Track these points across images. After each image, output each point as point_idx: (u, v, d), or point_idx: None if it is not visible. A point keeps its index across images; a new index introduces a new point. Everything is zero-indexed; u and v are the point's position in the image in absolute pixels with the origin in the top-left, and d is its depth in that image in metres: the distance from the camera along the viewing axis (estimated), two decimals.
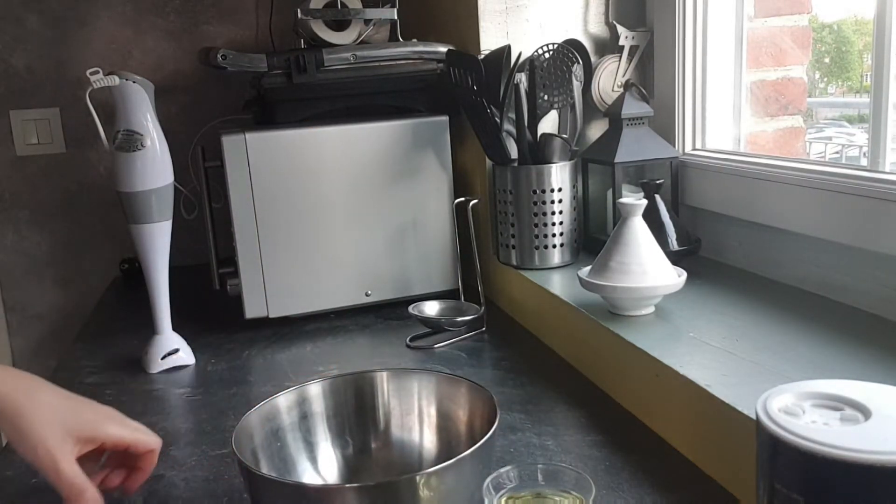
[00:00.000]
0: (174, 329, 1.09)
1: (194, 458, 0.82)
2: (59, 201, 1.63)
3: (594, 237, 1.19)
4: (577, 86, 1.12)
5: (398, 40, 1.27)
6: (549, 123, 1.20)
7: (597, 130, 1.24)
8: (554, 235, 1.13)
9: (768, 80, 1.13)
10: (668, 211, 1.06)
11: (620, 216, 0.92)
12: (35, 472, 0.79)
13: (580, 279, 0.94)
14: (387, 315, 1.24)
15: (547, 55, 1.16)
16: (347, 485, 0.70)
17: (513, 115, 1.12)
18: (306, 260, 1.19)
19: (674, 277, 0.90)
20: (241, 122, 1.40)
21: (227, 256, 1.21)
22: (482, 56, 1.13)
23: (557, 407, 0.88)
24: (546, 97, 1.15)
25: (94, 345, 1.20)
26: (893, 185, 0.80)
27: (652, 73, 1.21)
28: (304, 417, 0.73)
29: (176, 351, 1.08)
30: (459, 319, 1.12)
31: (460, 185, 1.31)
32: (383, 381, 0.76)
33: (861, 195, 0.83)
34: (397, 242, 1.23)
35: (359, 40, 1.24)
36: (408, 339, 1.12)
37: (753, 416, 0.65)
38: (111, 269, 1.66)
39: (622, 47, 1.20)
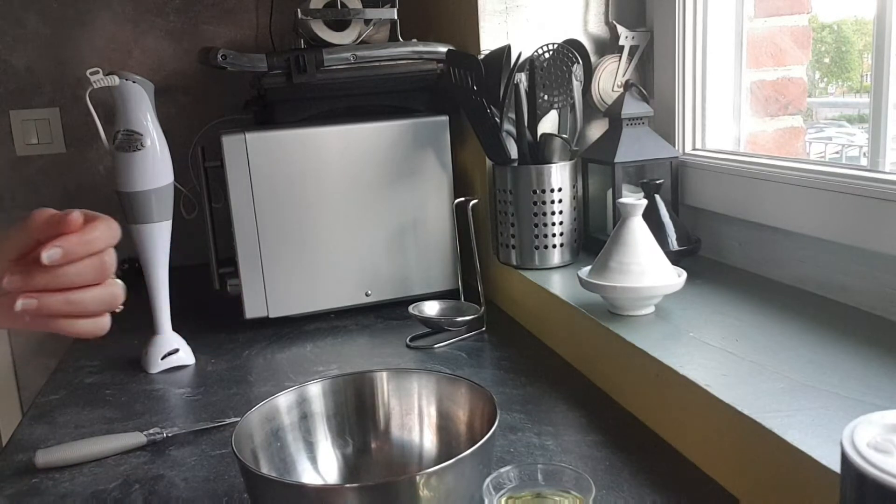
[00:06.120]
0: (174, 329, 1.09)
1: (194, 458, 0.82)
2: (58, 201, 1.63)
3: (594, 237, 1.19)
4: (577, 86, 1.12)
5: (398, 40, 1.27)
6: (549, 123, 1.20)
7: (597, 130, 1.24)
8: (554, 235, 1.13)
9: (768, 79, 1.13)
10: (668, 211, 1.06)
11: (620, 216, 0.92)
12: (35, 471, 0.80)
13: (580, 279, 0.94)
14: (387, 315, 1.24)
15: (547, 55, 1.16)
16: (347, 485, 0.70)
17: (513, 115, 1.12)
18: (306, 260, 1.19)
19: (674, 277, 0.90)
20: (241, 122, 1.40)
21: (227, 256, 1.21)
22: (482, 56, 1.13)
23: (557, 407, 0.88)
24: (546, 97, 1.15)
25: (94, 345, 1.20)
26: (893, 185, 0.80)
27: (652, 73, 1.21)
28: (304, 417, 0.73)
29: (176, 351, 1.08)
30: (459, 319, 1.12)
31: (460, 185, 1.31)
32: (383, 381, 0.76)
33: (861, 195, 0.83)
34: (397, 242, 1.23)
35: (359, 40, 1.24)
36: (408, 339, 1.12)
37: (751, 415, 0.66)
38: None
39: (622, 47, 1.20)
